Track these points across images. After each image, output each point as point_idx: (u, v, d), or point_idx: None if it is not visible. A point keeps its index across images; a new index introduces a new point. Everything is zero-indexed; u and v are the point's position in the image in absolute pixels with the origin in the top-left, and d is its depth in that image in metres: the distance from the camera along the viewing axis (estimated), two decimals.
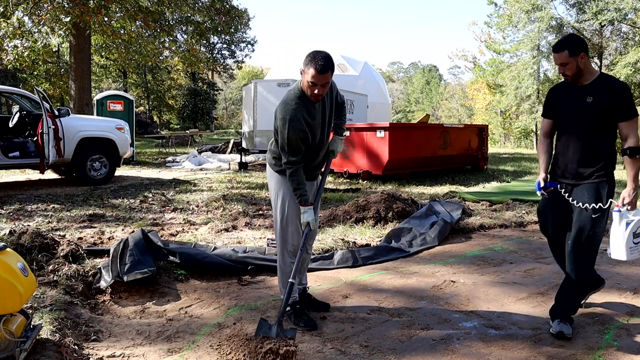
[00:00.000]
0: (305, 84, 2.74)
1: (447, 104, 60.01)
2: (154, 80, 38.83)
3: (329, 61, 2.70)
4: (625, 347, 2.73)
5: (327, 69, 2.67)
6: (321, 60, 2.66)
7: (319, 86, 2.70)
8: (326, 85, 2.72)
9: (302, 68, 2.73)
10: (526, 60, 29.89)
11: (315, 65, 2.65)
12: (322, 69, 2.66)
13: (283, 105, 2.79)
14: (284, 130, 2.75)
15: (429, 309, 3.27)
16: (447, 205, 6.14)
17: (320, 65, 2.65)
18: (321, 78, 2.67)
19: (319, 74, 2.66)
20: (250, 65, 57.30)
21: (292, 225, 2.97)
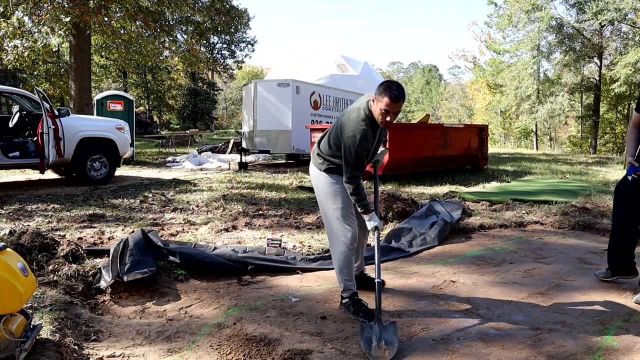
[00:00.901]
0: (377, 111, 2.91)
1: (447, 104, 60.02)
2: (154, 80, 38.84)
3: (402, 91, 2.88)
4: (625, 347, 2.73)
5: (400, 98, 2.86)
6: (396, 90, 2.85)
7: (391, 114, 2.88)
8: (397, 113, 2.91)
9: (374, 95, 2.92)
10: (526, 60, 29.91)
11: (390, 94, 2.83)
12: (396, 98, 2.84)
13: (354, 124, 2.96)
14: (352, 148, 2.94)
15: (429, 309, 3.27)
16: (447, 205, 6.14)
17: (394, 94, 2.83)
18: (394, 106, 2.86)
19: (393, 102, 2.84)
20: (250, 65, 57.31)
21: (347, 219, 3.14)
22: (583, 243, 5.06)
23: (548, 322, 3.05)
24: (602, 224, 5.63)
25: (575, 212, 6.02)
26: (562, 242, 5.08)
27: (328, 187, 3.20)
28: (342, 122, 3.05)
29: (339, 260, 3.18)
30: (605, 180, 9.82)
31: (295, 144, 13.00)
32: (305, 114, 13.49)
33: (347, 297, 3.16)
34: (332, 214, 3.19)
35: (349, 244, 3.14)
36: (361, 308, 3.11)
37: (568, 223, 5.73)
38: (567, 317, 3.13)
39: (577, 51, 27.25)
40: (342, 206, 3.14)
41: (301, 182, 9.58)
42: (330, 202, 3.19)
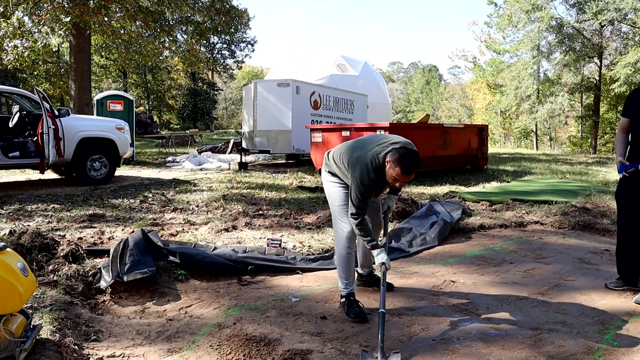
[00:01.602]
0: (388, 173, 2.94)
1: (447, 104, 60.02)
2: (154, 80, 38.84)
3: (417, 164, 2.90)
4: (625, 347, 2.73)
5: (412, 171, 2.90)
6: (409, 164, 2.87)
7: (400, 182, 2.94)
8: (408, 181, 2.98)
9: (389, 157, 2.93)
10: (526, 60, 29.90)
11: (402, 167, 2.86)
12: (408, 172, 2.88)
13: (365, 169, 3.00)
14: (358, 190, 3.01)
15: (429, 309, 3.27)
16: (447, 205, 6.14)
17: (407, 168, 2.86)
18: (405, 178, 2.91)
19: (403, 174, 2.88)
20: (250, 65, 57.31)
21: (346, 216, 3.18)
22: (583, 243, 5.06)
23: (548, 322, 3.05)
24: (602, 224, 5.63)
25: (575, 212, 6.02)
26: (562, 242, 5.08)
27: (330, 186, 3.30)
28: (358, 157, 3.06)
29: (337, 258, 3.26)
30: (605, 180, 9.82)
31: (295, 144, 13.00)
32: (305, 114, 13.49)
33: (344, 296, 3.19)
34: (335, 211, 3.28)
35: (347, 242, 3.18)
36: (354, 309, 3.12)
37: (568, 223, 5.73)
38: (567, 317, 3.13)
39: (577, 51, 27.25)
40: (342, 204, 3.21)
41: (301, 182, 9.58)
42: (333, 200, 3.27)
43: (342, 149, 3.28)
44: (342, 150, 3.27)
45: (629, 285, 3.58)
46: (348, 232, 3.16)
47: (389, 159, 2.92)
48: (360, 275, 3.66)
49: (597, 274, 4.02)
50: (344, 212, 3.20)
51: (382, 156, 2.98)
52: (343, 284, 3.20)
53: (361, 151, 3.09)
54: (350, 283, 3.20)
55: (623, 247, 3.62)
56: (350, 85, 18.21)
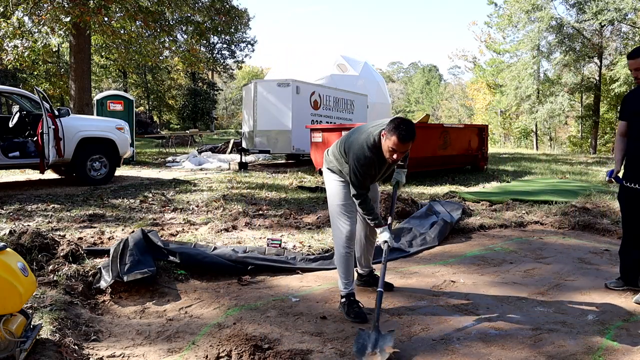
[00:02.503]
0: (385, 146, 2.90)
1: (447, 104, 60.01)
2: (154, 80, 38.83)
3: (412, 132, 2.84)
4: (625, 347, 2.73)
5: (409, 139, 2.82)
6: (404, 131, 2.81)
7: (398, 152, 2.86)
8: (405, 152, 2.89)
9: (384, 130, 2.90)
10: (526, 60, 29.90)
11: (398, 134, 2.80)
12: (404, 139, 2.81)
13: (360, 149, 2.99)
14: (355, 170, 3.00)
15: (429, 309, 3.27)
16: (447, 205, 6.14)
17: (402, 135, 2.80)
18: (402, 147, 2.84)
19: (400, 142, 2.82)
20: (250, 65, 57.31)
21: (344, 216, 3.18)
22: (583, 243, 5.06)
23: (548, 322, 3.05)
24: (602, 224, 5.63)
25: (575, 212, 6.02)
26: (562, 242, 5.08)
27: (331, 184, 3.28)
28: (353, 140, 3.08)
29: (336, 258, 3.25)
30: (605, 180, 9.81)
31: (295, 144, 13.00)
32: (305, 114, 13.49)
33: (344, 296, 3.18)
34: (331, 210, 3.27)
35: (345, 242, 3.17)
36: (353, 309, 3.11)
37: (568, 223, 5.73)
38: (567, 317, 3.13)
39: (577, 51, 27.25)
40: (341, 203, 3.20)
41: (301, 182, 9.58)
42: (333, 199, 3.26)
43: (339, 140, 3.32)
44: (338, 141, 3.31)
45: (629, 285, 3.58)
46: (347, 231, 3.15)
47: (384, 132, 2.90)
48: (360, 275, 3.65)
49: (597, 274, 4.02)
50: (342, 211, 3.18)
51: (377, 133, 2.97)
52: (343, 284, 3.20)
53: (356, 134, 3.11)
54: (350, 283, 3.19)
55: (625, 247, 3.63)
56: (350, 85, 18.21)
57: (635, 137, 3.49)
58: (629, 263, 3.58)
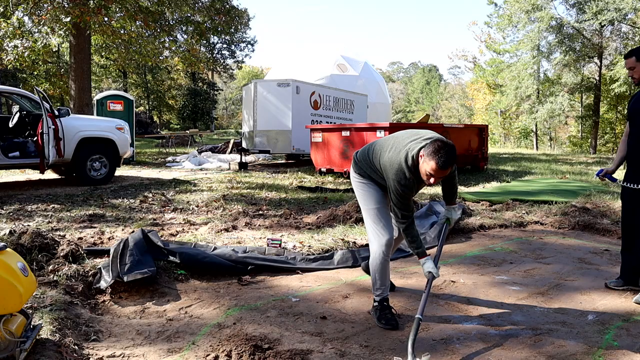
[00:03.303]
0: (422, 169, 2.73)
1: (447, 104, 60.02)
2: (154, 80, 38.84)
3: (452, 157, 2.65)
4: (625, 347, 2.73)
5: (448, 165, 2.64)
6: (444, 156, 2.62)
7: (435, 177, 2.70)
8: (443, 177, 2.73)
9: (422, 152, 2.73)
10: (526, 60, 29.91)
11: (437, 161, 2.63)
12: (444, 166, 2.63)
13: (400, 172, 2.81)
14: (397, 192, 2.84)
15: (429, 309, 3.26)
16: None
17: (442, 162, 2.62)
18: (440, 173, 2.67)
19: (439, 169, 2.64)
20: (250, 65, 57.36)
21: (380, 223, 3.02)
22: (583, 243, 5.06)
23: (548, 322, 3.05)
24: (602, 224, 5.63)
25: (575, 212, 6.02)
26: (562, 242, 5.08)
27: (359, 187, 3.16)
28: (392, 157, 2.88)
29: (372, 265, 3.07)
30: (605, 180, 9.81)
31: (295, 144, 13.00)
32: (305, 114, 13.49)
33: (377, 301, 3.06)
34: (366, 216, 3.10)
35: (384, 250, 3.00)
36: (385, 315, 3.00)
37: (568, 223, 5.73)
38: (567, 317, 3.13)
39: (577, 51, 27.25)
40: (374, 207, 3.05)
41: (301, 182, 9.58)
42: (363, 203, 3.11)
43: (373, 147, 3.12)
44: (373, 148, 3.12)
45: (629, 285, 3.58)
46: (387, 239, 2.98)
47: (422, 153, 2.73)
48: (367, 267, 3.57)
49: (597, 274, 4.02)
50: (379, 216, 3.02)
51: (416, 152, 2.78)
52: (378, 291, 3.06)
53: (393, 150, 2.90)
54: (385, 289, 3.06)
55: (625, 245, 3.64)
56: (350, 85, 18.22)
57: (634, 137, 3.50)
58: (629, 262, 3.58)
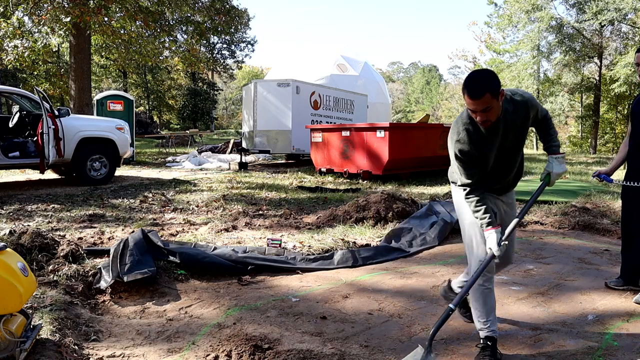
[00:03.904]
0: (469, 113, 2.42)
1: (447, 104, 60.01)
2: (154, 80, 38.84)
3: (482, 83, 2.26)
4: (625, 347, 2.73)
5: (479, 93, 2.25)
6: (472, 84, 2.28)
7: (478, 112, 2.31)
8: (487, 110, 2.28)
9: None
10: (526, 60, 29.91)
11: (466, 90, 2.29)
12: (472, 94, 2.27)
13: (453, 126, 2.51)
14: (451, 152, 2.51)
15: (429, 309, 3.27)
16: (447, 205, 6.13)
17: (469, 89, 2.28)
18: (475, 103, 2.28)
19: (471, 99, 2.29)
20: (250, 65, 57.36)
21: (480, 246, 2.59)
22: (583, 243, 5.06)
23: (548, 322, 3.05)
24: (602, 224, 5.63)
25: (575, 212, 6.02)
26: (562, 242, 5.08)
27: (455, 197, 2.76)
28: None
29: (471, 290, 2.56)
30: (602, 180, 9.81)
31: (295, 144, 13.00)
32: (305, 114, 13.50)
33: (483, 338, 2.56)
34: (463, 230, 2.70)
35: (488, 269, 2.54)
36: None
37: (568, 223, 5.73)
38: (567, 317, 3.13)
39: (577, 51, 27.26)
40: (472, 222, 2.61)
41: (301, 182, 9.58)
42: (460, 216, 2.73)
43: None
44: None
45: (629, 285, 3.58)
46: (489, 257, 2.47)
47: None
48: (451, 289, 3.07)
49: (597, 274, 4.02)
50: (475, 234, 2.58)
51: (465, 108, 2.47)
52: (480, 323, 2.56)
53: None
54: (491, 323, 2.55)
55: (625, 245, 3.65)
56: (350, 85, 18.23)
57: (635, 138, 3.51)
58: (629, 262, 3.58)
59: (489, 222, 2.46)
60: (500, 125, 2.42)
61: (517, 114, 2.45)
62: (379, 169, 9.59)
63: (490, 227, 2.45)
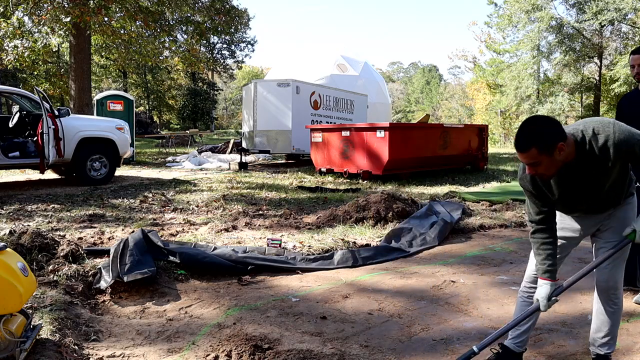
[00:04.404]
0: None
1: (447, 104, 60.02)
2: (154, 80, 38.85)
3: (529, 135, 2.02)
4: (625, 347, 2.73)
5: (523, 146, 2.03)
6: (519, 134, 2.06)
7: (528, 167, 2.10)
8: (536, 165, 2.06)
9: None
10: (526, 60, 29.92)
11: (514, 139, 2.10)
12: (517, 147, 2.07)
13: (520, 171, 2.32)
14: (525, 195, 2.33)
15: (429, 309, 3.27)
16: (447, 205, 6.14)
17: (516, 139, 2.07)
18: (521, 156, 2.08)
19: (518, 151, 2.08)
20: (250, 65, 57.36)
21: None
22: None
23: (548, 322, 3.05)
24: None
25: None
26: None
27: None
28: None
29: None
30: None
31: (295, 144, 13.00)
32: (305, 114, 13.50)
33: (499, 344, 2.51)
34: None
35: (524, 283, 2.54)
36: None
37: None
38: (567, 317, 3.14)
39: (577, 51, 27.27)
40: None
41: (301, 182, 9.58)
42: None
43: None
44: None
45: (628, 286, 3.58)
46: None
47: None
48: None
49: None
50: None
51: None
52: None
53: None
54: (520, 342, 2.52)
55: None
56: (350, 85, 18.23)
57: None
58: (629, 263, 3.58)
59: (546, 270, 2.29)
60: (569, 172, 2.14)
61: (597, 158, 2.09)
62: (379, 169, 9.59)
63: (546, 278, 2.27)
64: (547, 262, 2.30)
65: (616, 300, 2.35)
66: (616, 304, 2.35)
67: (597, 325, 2.41)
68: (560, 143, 2.02)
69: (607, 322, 2.37)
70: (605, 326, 2.37)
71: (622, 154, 2.08)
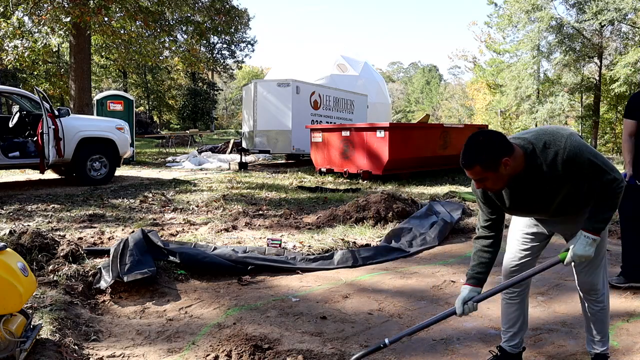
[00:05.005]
0: None
1: (447, 104, 60.03)
2: (154, 80, 38.84)
3: (472, 152, 2.01)
4: (625, 347, 2.73)
5: (469, 164, 2.02)
6: (464, 150, 2.04)
7: (476, 181, 2.10)
8: (483, 180, 2.06)
9: None
10: (526, 60, 29.92)
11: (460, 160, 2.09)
12: (464, 165, 2.06)
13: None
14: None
15: (429, 309, 3.27)
16: (447, 205, 6.14)
17: (462, 156, 2.05)
18: (469, 174, 2.07)
19: (465, 169, 2.08)
20: (250, 65, 57.36)
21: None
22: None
23: (548, 322, 3.05)
24: None
25: None
26: (562, 242, 5.05)
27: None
28: None
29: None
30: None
31: (295, 144, 13.00)
32: (305, 114, 13.50)
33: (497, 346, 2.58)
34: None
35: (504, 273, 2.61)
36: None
37: None
38: (567, 317, 3.14)
39: (577, 51, 27.26)
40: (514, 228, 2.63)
41: (301, 182, 9.58)
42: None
43: None
44: None
45: (631, 282, 3.59)
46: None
47: None
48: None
49: None
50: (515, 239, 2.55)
51: None
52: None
53: None
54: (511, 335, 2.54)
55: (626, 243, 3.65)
56: (350, 85, 18.22)
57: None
58: (630, 259, 3.59)
59: (473, 276, 2.31)
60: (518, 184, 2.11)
61: (545, 173, 2.06)
62: (379, 169, 9.59)
63: (470, 283, 2.30)
64: (477, 269, 2.33)
65: (600, 299, 2.36)
66: (600, 302, 2.36)
67: (587, 325, 2.45)
68: (504, 158, 1.99)
69: (595, 321, 2.40)
70: (594, 325, 2.41)
71: (573, 170, 2.03)
